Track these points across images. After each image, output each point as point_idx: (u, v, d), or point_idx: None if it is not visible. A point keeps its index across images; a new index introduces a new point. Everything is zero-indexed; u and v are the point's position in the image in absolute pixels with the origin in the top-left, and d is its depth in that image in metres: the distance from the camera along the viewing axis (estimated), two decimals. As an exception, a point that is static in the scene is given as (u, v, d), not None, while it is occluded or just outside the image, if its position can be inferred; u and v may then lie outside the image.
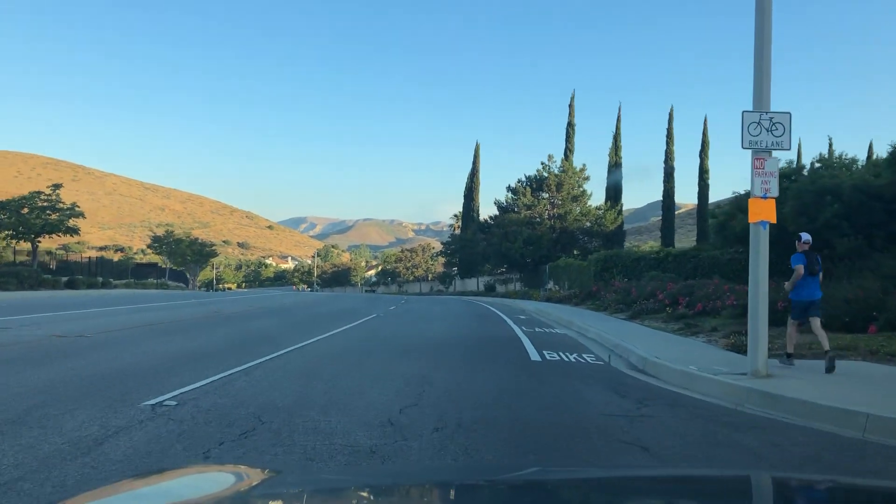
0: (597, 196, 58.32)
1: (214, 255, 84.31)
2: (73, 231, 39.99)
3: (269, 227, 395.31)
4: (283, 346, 11.30)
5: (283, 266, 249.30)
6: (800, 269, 9.36)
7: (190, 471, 2.90)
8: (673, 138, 59.59)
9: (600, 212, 53.95)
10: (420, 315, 23.11)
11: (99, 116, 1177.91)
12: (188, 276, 75.94)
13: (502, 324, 19.79)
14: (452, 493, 1.85)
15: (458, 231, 78.81)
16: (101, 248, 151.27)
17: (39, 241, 39.74)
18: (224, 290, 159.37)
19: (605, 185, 56.81)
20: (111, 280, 45.07)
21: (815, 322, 9.33)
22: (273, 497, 1.75)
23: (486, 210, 70.78)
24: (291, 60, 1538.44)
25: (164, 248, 71.13)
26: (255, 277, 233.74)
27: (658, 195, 56.73)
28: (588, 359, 11.52)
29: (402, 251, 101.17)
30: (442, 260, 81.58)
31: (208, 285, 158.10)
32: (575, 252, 53.49)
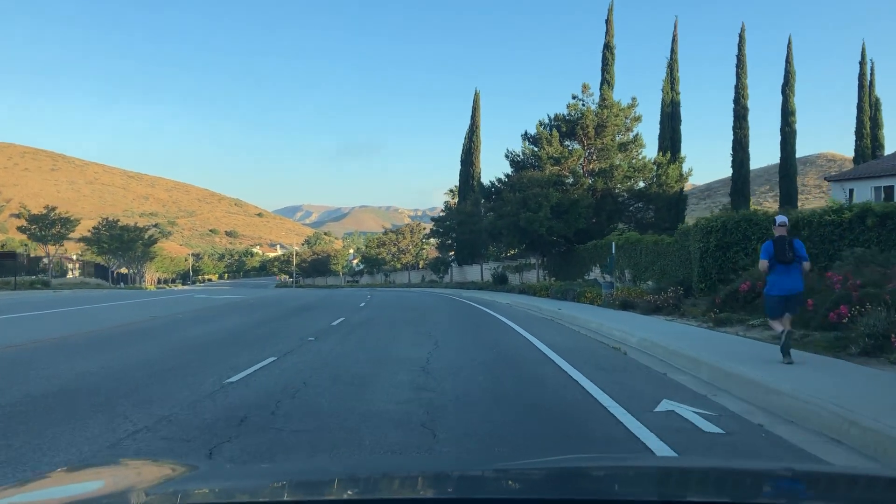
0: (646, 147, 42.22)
1: (152, 242, 66.65)
2: None
3: (259, 215, 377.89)
4: None
5: (272, 255, 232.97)
6: (763, 263, 8.10)
7: (89, 472, 2.43)
8: (745, 68, 43.08)
9: (656, 167, 37.43)
10: (308, 413, 6.62)
11: (79, 105, 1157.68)
12: (110, 268, 58.51)
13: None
14: (360, 487, 1.78)
15: (454, 207, 61.74)
16: (80, 240, 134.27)
17: None
18: (203, 282, 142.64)
19: (659, 130, 40.58)
20: None
21: (786, 319, 8.15)
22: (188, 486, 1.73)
23: (492, 176, 54.05)
24: (283, 50, 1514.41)
25: (47, 235, 52.65)
26: (239, 268, 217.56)
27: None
28: None
29: (385, 233, 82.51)
30: (434, 242, 64.46)
31: (184, 278, 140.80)
32: (620, 225, 37.13)
